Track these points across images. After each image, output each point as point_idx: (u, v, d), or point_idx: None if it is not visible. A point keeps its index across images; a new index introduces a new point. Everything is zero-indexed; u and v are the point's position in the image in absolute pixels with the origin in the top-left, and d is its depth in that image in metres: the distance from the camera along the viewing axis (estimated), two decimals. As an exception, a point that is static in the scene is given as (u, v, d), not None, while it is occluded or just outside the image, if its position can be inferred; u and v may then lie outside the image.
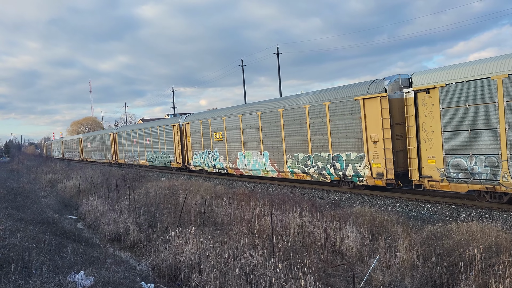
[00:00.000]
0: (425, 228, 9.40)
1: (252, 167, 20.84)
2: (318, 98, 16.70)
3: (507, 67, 10.67)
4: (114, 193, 18.87)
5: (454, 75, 11.87)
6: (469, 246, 7.60)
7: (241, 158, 21.68)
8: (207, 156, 25.13)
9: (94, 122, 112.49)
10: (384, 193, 14.75)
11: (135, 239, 12.27)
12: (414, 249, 7.76)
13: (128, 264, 10.23)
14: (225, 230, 11.26)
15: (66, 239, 11.78)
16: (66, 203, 20.71)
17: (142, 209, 14.99)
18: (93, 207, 16.42)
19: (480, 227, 8.59)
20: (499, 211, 11.24)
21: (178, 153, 28.90)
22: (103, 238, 13.30)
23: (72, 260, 8.97)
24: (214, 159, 24.24)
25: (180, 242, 9.93)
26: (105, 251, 11.15)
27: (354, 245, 8.59)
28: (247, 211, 11.85)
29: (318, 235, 9.29)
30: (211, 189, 17.60)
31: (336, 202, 14.06)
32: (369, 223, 9.87)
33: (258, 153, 20.28)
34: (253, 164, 20.73)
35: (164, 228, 12.27)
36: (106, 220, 14.20)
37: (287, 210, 11.14)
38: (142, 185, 22.24)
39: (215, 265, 8.08)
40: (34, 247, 9.41)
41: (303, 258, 7.83)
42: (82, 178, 25.54)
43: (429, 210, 12.20)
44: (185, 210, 13.04)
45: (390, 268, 7.47)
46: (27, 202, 17.58)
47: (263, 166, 20.02)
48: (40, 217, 14.18)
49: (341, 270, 7.85)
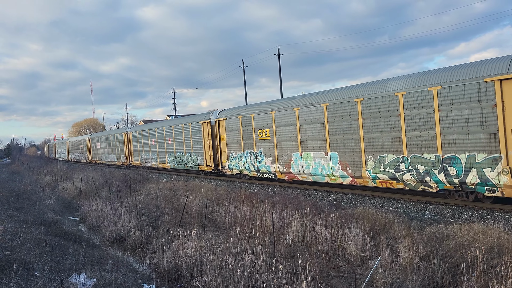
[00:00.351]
0: (426, 229, 9.38)
1: (313, 171, 16.98)
2: (419, 81, 12.98)
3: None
4: (116, 194, 18.88)
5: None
6: (471, 247, 7.58)
7: (297, 160, 17.82)
8: (248, 157, 21.31)
9: (95, 124, 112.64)
10: (385, 194, 14.73)
11: (136, 240, 12.27)
12: (415, 250, 7.75)
13: (130, 265, 10.23)
14: (227, 231, 11.26)
15: (67, 241, 11.78)
16: (67, 204, 20.72)
17: (144, 210, 15.00)
18: (94, 209, 16.43)
19: (482, 228, 8.58)
20: (501, 212, 11.21)
21: (209, 155, 25.10)
22: (104, 239, 13.30)
23: (74, 262, 8.97)
24: (258, 161, 20.38)
25: (181, 243, 9.93)
26: (107, 253, 11.15)
27: (355, 246, 8.58)
28: (249, 212, 11.84)
29: (319, 236, 9.27)
30: (212, 191, 17.60)
31: (337, 203, 14.05)
32: (370, 224, 9.86)
33: (321, 154, 16.52)
34: (314, 167, 16.91)
35: (166, 229, 12.27)
36: (108, 222, 14.21)
37: (289, 211, 11.13)
38: (143, 186, 22.24)
39: (216, 266, 8.08)
40: (36, 249, 9.41)
41: (305, 259, 7.82)
42: (83, 179, 25.56)
43: (430, 211, 12.18)
44: (186, 211, 13.05)
45: (392, 269, 7.46)
46: (28, 204, 17.59)
47: (329, 170, 16.12)
48: (41, 219, 14.20)
49: (342, 271, 7.84)
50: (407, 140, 13.39)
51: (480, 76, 11.41)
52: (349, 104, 15.28)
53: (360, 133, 14.89)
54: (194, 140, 26.84)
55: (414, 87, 13.09)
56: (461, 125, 11.93)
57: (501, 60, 11.13)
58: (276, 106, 19.29)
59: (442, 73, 12.41)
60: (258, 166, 20.47)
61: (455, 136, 12.08)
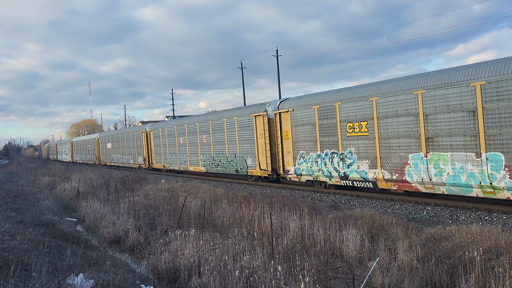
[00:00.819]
0: (424, 230, 9.40)
1: (451, 180, 12.17)
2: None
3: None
4: (114, 195, 18.87)
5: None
6: (469, 248, 7.59)
7: (418, 164, 13.02)
8: (328, 160, 16.39)
9: (93, 125, 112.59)
10: (384, 195, 14.74)
11: (134, 241, 12.25)
12: (414, 251, 7.76)
13: (128, 266, 10.22)
14: (225, 232, 11.26)
15: (65, 242, 11.77)
16: (65, 205, 20.69)
17: (142, 211, 14.98)
18: (92, 210, 16.40)
19: (479, 229, 8.60)
20: (499, 213, 11.24)
21: (263, 156, 20.11)
22: (102, 240, 13.28)
23: (72, 263, 8.96)
24: (346, 165, 15.57)
25: (179, 244, 9.93)
26: (105, 254, 11.13)
27: (354, 247, 8.58)
28: (247, 214, 11.84)
29: (317, 237, 9.28)
30: (211, 191, 17.58)
31: (335, 205, 14.05)
32: (368, 225, 9.87)
33: (470, 156, 11.67)
34: (454, 175, 12.06)
35: (164, 230, 12.26)
36: (106, 223, 14.19)
37: (287, 213, 11.13)
38: (142, 187, 22.22)
39: (214, 267, 8.07)
40: (34, 250, 9.40)
41: (303, 260, 7.83)
42: (81, 180, 25.52)
43: (428, 212, 12.19)
44: (184, 212, 13.04)
45: (390, 270, 7.47)
46: (26, 205, 17.56)
47: (485, 179, 11.34)
48: (39, 220, 14.17)
49: (341, 272, 7.84)
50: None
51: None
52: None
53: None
54: (242, 138, 21.85)
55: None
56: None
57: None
58: (381, 89, 14.23)
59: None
60: (346, 171, 15.69)
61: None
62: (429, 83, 12.63)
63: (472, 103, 11.53)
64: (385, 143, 14.13)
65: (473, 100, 11.51)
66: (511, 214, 11.03)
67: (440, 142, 12.45)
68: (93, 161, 51.82)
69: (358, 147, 15.12)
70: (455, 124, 12.02)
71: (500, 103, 10.92)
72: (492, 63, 11.34)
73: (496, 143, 11.15)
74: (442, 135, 12.38)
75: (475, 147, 11.61)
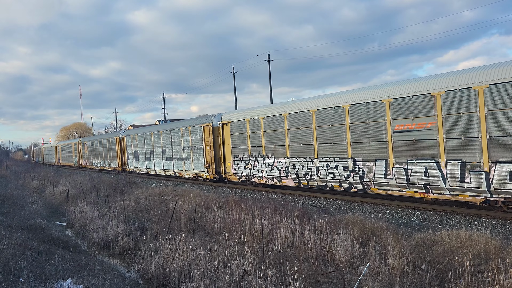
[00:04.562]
0: (415, 235, 9.44)
1: None
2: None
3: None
4: (104, 199, 18.71)
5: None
6: (458, 253, 7.63)
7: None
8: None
9: (83, 128, 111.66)
10: (374, 200, 14.79)
11: (124, 246, 12.14)
12: (404, 256, 7.78)
13: (117, 271, 10.11)
14: (215, 237, 11.20)
15: (54, 246, 11.62)
16: (54, 209, 20.46)
17: (132, 215, 14.86)
18: (82, 214, 16.23)
19: (469, 234, 8.64)
20: (488, 218, 11.33)
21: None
22: (91, 245, 13.14)
23: (60, 267, 8.84)
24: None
25: (170, 249, 9.85)
26: (94, 258, 11.01)
27: (344, 252, 8.59)
28: (238, 218, 11.80)
29: (308, 242, 9.27)
30: (201, 196, 17.50)
31: (326, 209, 14.07)
32: (359, 230, 9.89)
33: None
34: None
35: (154, 235, 12.17)
36: (95, 227, 14.05)
37: (278, 217, 11.11)
38: (132, 191, 22.05)
39: (205, 272, 8.02)
40: (21, 254, 9.26)
41: (294, 265, 7.81)
42: (71, 184, 25.27)
43: (418, 217, 12.25)
44: (175, 216, 12.95)
45: (380, 275, 7.48)
46: (14, 209, 17.33)
47: None
48: (27, 224, 13.98)
49: (331, 277, 7.84)
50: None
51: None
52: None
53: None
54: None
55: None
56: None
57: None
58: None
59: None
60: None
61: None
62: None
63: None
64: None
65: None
66: (499, 219, 11.13)
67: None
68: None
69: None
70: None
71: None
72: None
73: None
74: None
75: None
